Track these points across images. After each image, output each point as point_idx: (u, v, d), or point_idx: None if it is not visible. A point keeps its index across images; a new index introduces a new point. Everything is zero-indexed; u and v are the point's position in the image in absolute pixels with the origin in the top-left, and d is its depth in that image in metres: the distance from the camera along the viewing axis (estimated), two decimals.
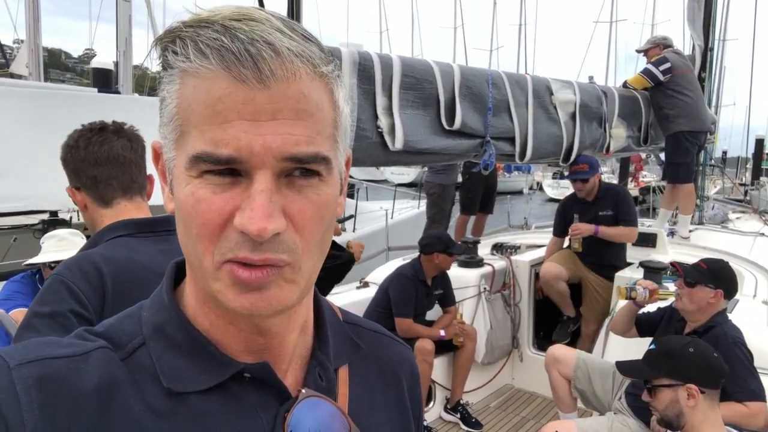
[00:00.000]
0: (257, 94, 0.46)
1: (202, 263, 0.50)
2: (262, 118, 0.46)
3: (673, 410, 2.09)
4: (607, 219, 4.04)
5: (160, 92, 0.51)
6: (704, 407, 2.04)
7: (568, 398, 3.09)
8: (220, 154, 0.46)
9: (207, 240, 0.48)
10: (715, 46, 5.82)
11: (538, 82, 3.51)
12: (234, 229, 0.47)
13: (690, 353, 2.09)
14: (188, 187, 0.48)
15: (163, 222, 1.36)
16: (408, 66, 2.71)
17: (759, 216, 6.60)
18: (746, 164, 30.15)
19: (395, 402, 0.69)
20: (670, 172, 5.03)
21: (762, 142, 26.47)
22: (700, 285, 2.56)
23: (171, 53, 0.48)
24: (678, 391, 2.07)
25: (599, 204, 4.08)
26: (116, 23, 8.21)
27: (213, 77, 0.46)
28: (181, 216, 0.51)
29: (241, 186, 0.48)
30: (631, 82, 4.90)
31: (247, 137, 0.46)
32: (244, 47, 0.45)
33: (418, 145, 2.75)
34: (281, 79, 0.47)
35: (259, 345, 0.56)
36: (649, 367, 2.19)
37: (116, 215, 1.35)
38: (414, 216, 8.87)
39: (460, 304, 3.97)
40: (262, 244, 0.47)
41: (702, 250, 4.48)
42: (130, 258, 1.26)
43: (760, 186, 20.84)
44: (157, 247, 1.31)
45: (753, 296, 3.43)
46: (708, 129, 5.10)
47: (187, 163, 0.48)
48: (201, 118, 0.47)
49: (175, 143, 0.50)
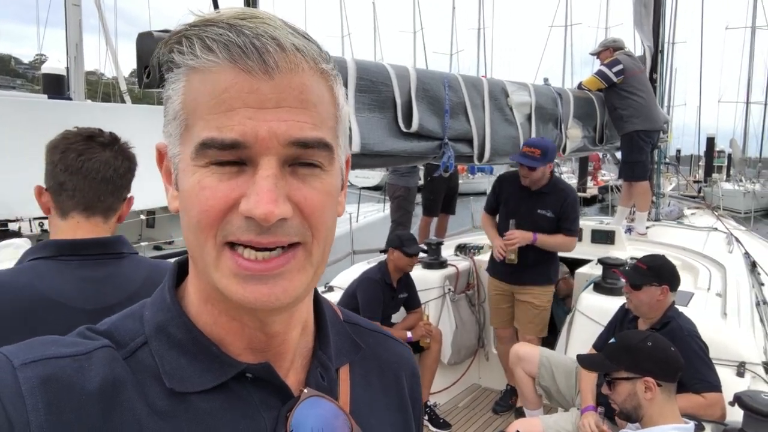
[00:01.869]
0: (262, 84, 0.48)
1: (203, 252, 0.50)
2: (267, 105, 0.48)
3: (631, 403, 2.14)
4: (544, 220, 3.58)
5: (165, 92, 0.52)
6: (661, 400, 2.09)
7: (533, 395, 3.13)
8: (224, 137, 0.47)
9: (209, 227, 0.49)
10: (664, 49, 6.00)
11: (493, 85, 3.55)
12: (238, 215, 0.48)
13: (648, 347, 2.14)
14: (194, 176, 0.50)
15: (97, 245, 1.25)
16: (363, 69, 2.71)
17: (712, 212, 6.83)
18: (699, 162, 31.25)
19: (395, 402, 0.70)
20: (626, 171, 5.16)
21: (713, 141, 27.49)
22: (645, 286, 2.62)
23: (177, 53, 0.50)
24: (636, 384, 2.12)
25: (541, 199, 3.60)
26: (65, 28, 7.97)
27: (219, 70, 0.48)
28: (185, 207, 0.51)
29: (246, 174, 0.49)
30: (585, 83, 5.01)
31: (252, 123, 0.48)
32: (250, 41, 0.48)
33: (375, 148, 2.74)
34: (285, 70, 0.49)
35: (262, 343, 0.56)
36: (609, 360, 2.23)
37: (67, 229, 1.27)
38: (379, 219, 8.88)
39: (426, 306, 3.98)
40: (270, 228, 0.48)
41: (658, 246, 4.60)
42: (28, 285, 1.15)
43: (713, 183, 21.64)
44: (79, 272, 1.20)
45: (707, 289, 3.53)
46: (661, 128, 5.25)
47: (193, 152, 0.49)
48: (206, 108, 0.49)
49: (180, 138, 0.51)
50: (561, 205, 3.57)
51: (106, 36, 8.23)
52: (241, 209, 0.48)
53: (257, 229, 0.48)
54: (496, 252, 3.63)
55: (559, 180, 3.77)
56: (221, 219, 0.49)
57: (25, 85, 35.26)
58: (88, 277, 1.20)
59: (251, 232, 0.48)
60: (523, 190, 3.64)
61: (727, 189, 21.08)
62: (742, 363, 2.65)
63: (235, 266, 0.49)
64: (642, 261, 2.75)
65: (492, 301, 3.92)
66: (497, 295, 3.84)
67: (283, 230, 0.49)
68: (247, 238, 0.49)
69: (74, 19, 7.64)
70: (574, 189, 3.80)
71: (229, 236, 0.49)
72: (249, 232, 0.48)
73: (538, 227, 3.56)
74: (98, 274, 1.21)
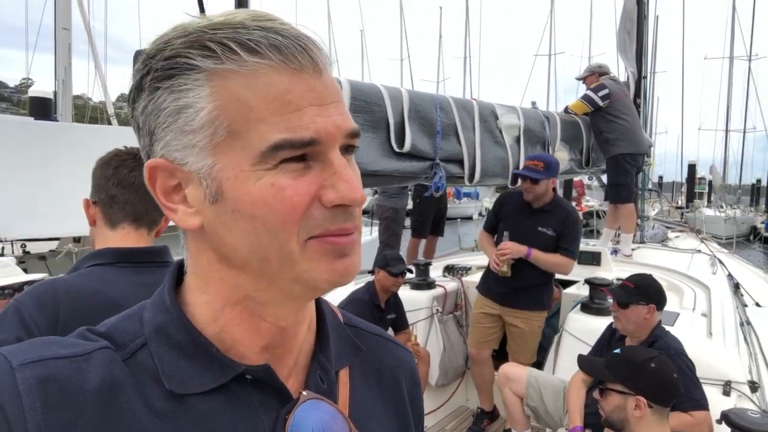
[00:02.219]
0: (316, 81, 0.50)
1: (285, 251, 0.50)
2: (326, 101, 0.50)
3: (618, 415, 2.14)
4: (544, 239, 3.44)
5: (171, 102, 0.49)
6: (651, 420, 2.09)
7: (521, 416, 3.11)
8: (302, 137, 0.48)
9: (294, 224, 0.50)
10: (648, 76, 6.16)
11: (483, 107, 3.61)
12: (318, 207, 0.50)
13: (651, 368, 2.12)
14: (263, 180, 0.49)
15: (147, 253, 1.36)
16: (357, 89, 2.75)
17: (696, 234, 6.93)
18: (681, 188, 31.74)
19: (395, 406, 0.70)
20: (612, 193, 5.24)
21: (694, 168, 28.00)
22: (632, 305, 2.65)
23: (201, 58, 0.48)
24: (627, 399, 2.12)
25: (543, 217, 3.48)
26: (54, 52, 7.98)
27: (270, 72, 0.48)
28: (254, 212, 0.49)
29: (314, 169, 0.50)
30: (572, 107, 5.10)
31: (321, 120, 0.50)
32: (295, 41, 0.49)
33: (368, 167, 2.77)
34: (324, 67, 0.52)
35: (277, 337, 0.57)
36: (607, 369, 2.23)
37: (117, 239, 1.36)
38: (367, 242, 8.87)
39: (413, 326, 3.96)
40: (352, 213, 0.52)
41: (644, 267, 4.64)
42: (95, 289, 1.24)
43: (695, 208, 21.97)
44: (134, 278, 1.29)
45: (693, 309, 3.57)
46: (645, 151, 5.35)
47: (258, 157, 0.48)
48: (268, 111, 0.48)
49: (217, 147, 0.49)
50: (563, 222, 3.45)
51: (95, 60, 8.24)
52: (330, 198, 0.50)
53: (343, 216, 0.51)
54: (492, 264, 3.53)
55: (561, 199, 3.66)
56: (305, 214, 0.50)
57: (10, 109, 35.08)
58: (143, 282, 1.27)
59: (338, 220, 0.51)
60: (524, 208, 3.53)
61: (709, 215, 21.40)
62: (728, 382, 2.67)
63: (327, 246, 0.51)
64: (629, 280, 2.77)
65: (474, 318, 3.80)
66: (483, 313, 3.71)
67: (355, 213, 0.53)
68: (337, 226, 0.51)
69: (63, 42, 7.66)
70: (576, 210, 3.68)
71: (315, 230, 0.50)
72: (336, 221, 0.51)
73: (538, 245, 3.42)
74: (149, 280, 1.27)
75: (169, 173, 0.52)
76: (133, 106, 0.52)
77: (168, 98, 0.49)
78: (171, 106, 0.49)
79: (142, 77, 0.51)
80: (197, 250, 0.55)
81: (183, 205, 0.53)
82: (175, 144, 0.50)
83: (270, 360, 0.57)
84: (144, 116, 0.51)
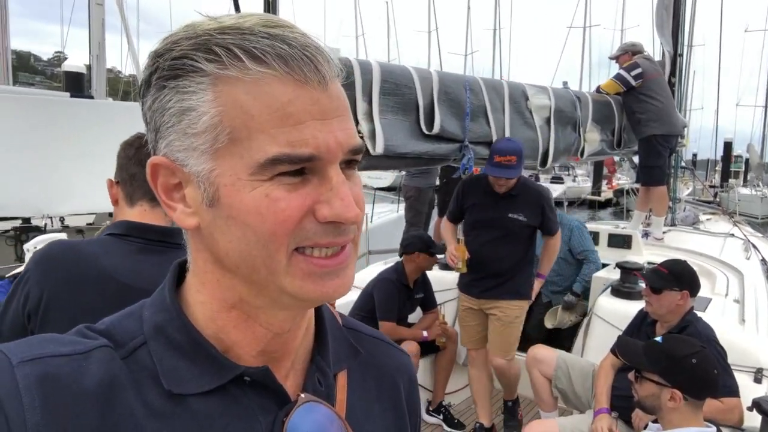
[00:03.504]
0: (320, 95, 0.49)
1: (272, 261, 0.50)
2: (328, 116, 0.50)
3: (651, 402, 2.13)
4: (516, 226, 3.25)
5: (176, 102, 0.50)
6: (684, 411, 2.06)
7: (549, 397, 3.14)
8: (301, 153, 0.48)
9: (284, 236, 0.50)
10: (684, 52, 5.98)
11: (514, 88, 3.57)
12: (311, 221, 0.50)
13: (691, 364, 2.07)
14: (258, 190, 0.49)
15: (160, 232, 1.37)
16: (387, 72, 2.74)
17: (729, 217, 6.79)
18: (715, 167, 30.92)
19: (392, 409, 0.70)
20: (644, 175, 5.15)
21: (730, 145, 27.23)
22: (665, 290, 2.63)
23: (205, 62, 0.48)
24: (663, 390, 2.08)
25: (511, 203, 3.25)
26: (89, 27, 8.08)
27: (274, 81, 0.48)
28: (246, 220, 0.50)
29: (312, 183, 0.50)
30: (604, 87, 5.01)
31: (322, 135, 0.49)
32: (302, 52, 0.48)
33: (398, 150, 2.77)
34: (331, 79, 0.51)
35: (273, 341, 0.57)
36: (647, 358, 2.19)
37: (134, 215, 1.40)
38: (393, 219, 8.90)
39: (442, 306, 4.00)
40: (345, 229, 0.51)
41: (675, 251, 4.60)
42: (94, 256, 1.28)
43: (730, 188, 21.42)
44: (139, 255, 1.32)
45: (725, 295, 3.53)
46: (679, 133, 5.24)
47: (255, 167, 0.48)
48: (269, 122, 0.48)
49: (217, 152, 0.49)
50: (534, 204, 3.26)
51: (127, 35, 8.32)
52: (324, 214, 0.50)
53: (335, 231, 0.51)
54: (448, 258, 3.36)
55: (526, 179, 3.39)
56: (296, 227, 0.50)
57: (43, 82, 35.67)
58: (147, 259, 1.31)
59: (329, 235, 0.51)
60: (490, 195, 3.28)
61: (744, 194, 20.86)
62: (760, 369, 2.65)
63: (310, 266, 0.51)
64: (663, 265, 2.75)
65: (460, 317, 3.65)
66: (465, 310, 3.54)
67: (349, 229, 0.52)
68: (326, 240, 0.51)
69: (97, 17, 7.73)
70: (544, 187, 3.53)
71: (304, 242, 0.50)
72: (327, 236, 0.51)
73: (510, 233, 3.26)
74: (156, 258, 1.31)
75: (170, 172, 0.53)
76: (143, 100, 0.53)
77: (173, 98, 0.50)
78: (176, 107, 0.50)
79: (150, 74, 0.51)
80: (195, 250, 0.56)
81: (182, 204, 0.53)
82: (177, 144, 0.51)
83: (266, 362, 0.57)
84: (151, 112, 0.52)
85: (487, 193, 3.29)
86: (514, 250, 3.30)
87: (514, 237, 3.27)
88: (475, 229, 3.37)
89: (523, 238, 3.30)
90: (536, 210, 3.26)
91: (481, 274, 3.36)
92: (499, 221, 3.26)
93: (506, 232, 3.26)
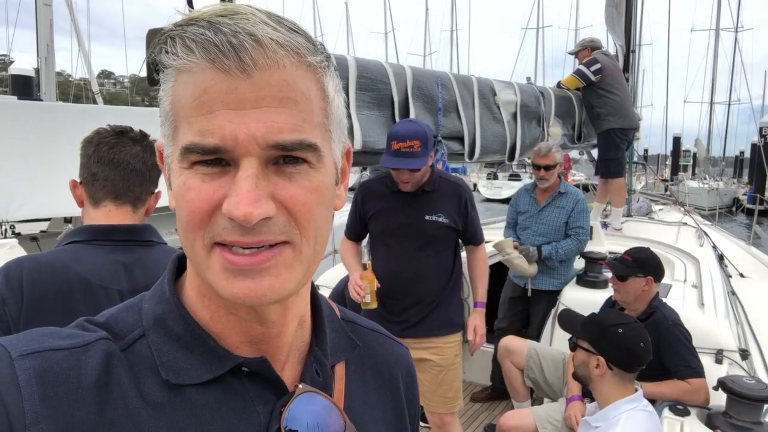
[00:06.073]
0: (240, 83, 0.47)
1: (194, 251, 0.51)
2: (245, 106, 0.47)
3: (582, 371, 2.32)
4: (436, 229, 2.49)
5: (161, 93, 0.52)
6: (612, 381, 2.23)
7: (522, 387, 3.19)
8: (206, 143, 0.47)
9: (197, 227, 0.49)
10: (636, 50, 6.16)
11: (482, 83, 3.62)
12: (222, 216, 0.48)
13: (617, 333, 2.23)
14: (180, 177, 0.50)
15: (127, 231, 1.34)
16: (363, 67, 2.74)
17: (680, 207, 7.05)
18: (666, 161, 32.07)
19: (390, 401, 0.70)
20: (603, 168, 5.29)
21: (679, 140, 28.33)
22: (631, 277, 2.72)
23: (164, 53, 0.49)
24: (590, 357, 2.27)
25: (427, 203, 2.50)
26: (36, 28, 7.79)
27: (199, 70, 0.47)
28: (175, 207, 0.52)
29: (229, 174, 0.48)
30: (564, 82, 5.12)
31: (232, 126, 0.47)
32: (227, 39, 0.46)
33: (375, 146, 2.77)
34: (263, 67, 0.47)
35: (258, 335, 0.56)
36: (581, 327, 2.37)
37: (99, 217, 1.35)
38: None
39: None
40: (254, 228, 0.48)
41: (635, 240, 4.74)
42: (65, 266, 1.24)
43: (679, 181, 22.26)
44: (111, 256, 1.29)
45: (684, 281, 3.66)
46: (636, 126, 5.40)
47: (179, 155, 0.49)
48: (189, 110, 0.48)
49: (171, 139, 0.51)
50: (457, 204, 2.52)
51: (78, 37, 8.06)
52: (224, 210, 0.48)
53: (241, 230, 0.48)
54: (352, 291, 2.53)
55: (442, 172, 2.68)
56: (208, 220, 0.49)
57: None
58: (119, 260, 1.28)
59: (235, 232, 0.48)
60: (397, 196, 2.52)
61: (693, 187, 21.71)
62: (720, 350, 2.76)
63: (224, 261, 0.49)
64: (627, 253, 2.84)
65: None
66: None
67: (267, 229, 0.48)
68: (232, 238, 0.48)
69: (45, 18, 7.47)
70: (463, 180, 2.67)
71: (216, 237, 0.49)
72: (233, 233, 0.48)
73: (432, 241, 2.50)
74: (128, 258, 1.29)
75: (161, 156, 0.56)
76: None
77: (161, 90, 0.52)
78: (159, 97, 0.53)
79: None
80: None
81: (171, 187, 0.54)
82: (161, 131, 0.54)
83: (260, 354, 0.57)
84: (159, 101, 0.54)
85: (394, 193, 2.53)
86: (440, 264, 2.54)
87: (437, 245, 2.52)
88: (384, 244, 2.55)
89: (449, 246, 2.57)
90: (457, 208, 2.52)
91: (400, 305, 2.53)
92: (414, 227, 2.49)
93: (426, 240, 2.50)
